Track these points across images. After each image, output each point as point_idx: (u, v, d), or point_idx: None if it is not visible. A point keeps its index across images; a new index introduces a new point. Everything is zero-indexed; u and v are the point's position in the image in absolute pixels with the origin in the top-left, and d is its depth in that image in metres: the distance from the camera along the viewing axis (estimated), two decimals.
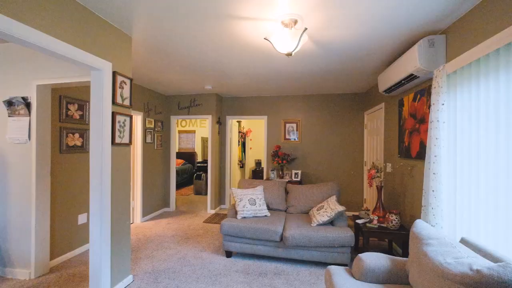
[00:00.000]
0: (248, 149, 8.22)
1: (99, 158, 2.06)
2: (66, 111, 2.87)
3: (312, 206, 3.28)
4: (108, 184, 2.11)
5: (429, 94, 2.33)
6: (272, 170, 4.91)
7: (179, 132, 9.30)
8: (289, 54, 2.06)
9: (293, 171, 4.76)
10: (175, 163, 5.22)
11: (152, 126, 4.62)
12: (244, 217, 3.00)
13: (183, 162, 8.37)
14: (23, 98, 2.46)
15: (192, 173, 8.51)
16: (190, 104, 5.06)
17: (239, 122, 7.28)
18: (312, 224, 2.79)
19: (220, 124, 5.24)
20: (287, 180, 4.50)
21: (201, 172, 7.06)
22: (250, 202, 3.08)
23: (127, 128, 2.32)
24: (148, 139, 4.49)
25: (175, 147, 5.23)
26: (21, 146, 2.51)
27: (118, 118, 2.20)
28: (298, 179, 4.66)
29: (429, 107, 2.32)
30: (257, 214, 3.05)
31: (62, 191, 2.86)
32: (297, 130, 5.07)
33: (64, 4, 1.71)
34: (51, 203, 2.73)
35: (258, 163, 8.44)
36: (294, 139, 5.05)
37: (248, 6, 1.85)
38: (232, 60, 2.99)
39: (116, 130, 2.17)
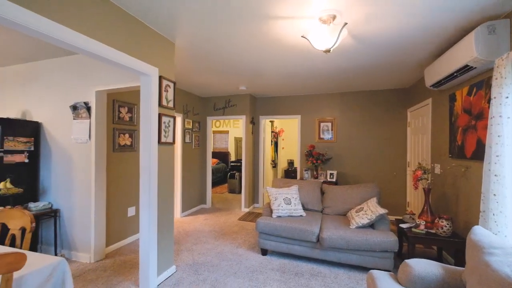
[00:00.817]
0: (280, 148, 8.20)
1: (148, 156, 2.25)
2: (118, 113, 3.19)
3: (349, 207, 3.16)
4: (155, 180, 2.29)
5: (489, 86, 2.08)
6: (306, 170, 4.83)
7: (214, 132, 9.65)
8: (328, 51, 2.01)
9: (328, 172, 4.63)
10: (211, 162, 5.44)
11: (190, 126, 4.88)
12: (279, 216, 3.00)
13: (217, 162, 8.66)
14: (85, 103, 2.79)
15: (225, 172, 8.78)
16: (225, 105, 5.23)
17: (272, 122, 7.31)
18: (350, 227, 2.69)
19: (253, 124, 5.32)
20: (322, 181, 4.38)
21: (234, 171, 7.24)
22: (285, 201, 3.08)
23: (171, 128, 2.49)
24: (187, 139, 4.76)
25: (211, 147, 5.45)
26: (83, 145, 2.85)
27: (164, 119, 2.37)
28: (334, 179, 4.52)
29: (488, 101, 2.07)
30: (292, 214, 3.03)
31: (114, 186, 3.18)
32: (332, 129, 4.91)
33: (117, 16, 1.90)
34: (106, 197, 3.06)
35: (291, 163, 8.37)
36: (329, 139, 4.91)
37: (285, 6, 1.86)
38: (267, 60, 3.02)
39: (162, 130, 2.35)
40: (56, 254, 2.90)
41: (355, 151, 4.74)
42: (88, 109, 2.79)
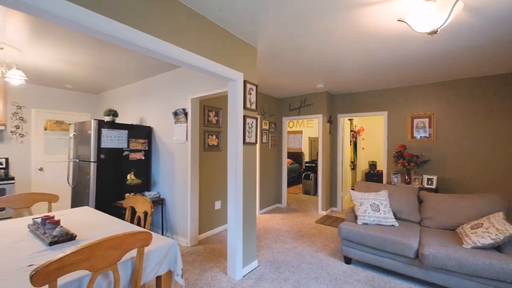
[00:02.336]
0: (359, 149, 7.50)
1: (234, 155, 2.44)
2: (207, 117, 3.59)
3: (460, 222, 2.56)
4: (241, 178, 2.46)
5: None
6: (394, 173, 4.23)
7: (287, 132, 9.70)
8: (434, 32, 1.69)
9: (425, 176, 3.91)
10: (286, 162, 5.47)
11: (267, 127, 5.04)
12: (366, 224, 2.73)
13: (291, 162, 8.66)
14: (183, 109, 3.27)
15: (299, 172, 8.67)
16: (300, 104, 5.16)
17: (350, 120, 6.77)
18: (464, 246, 2.17)
19: (331, 123, 5.05)
20: (418, 187, 3.74)
21: (309, 172, 7.07)
22: (372, 207, 2.77)
23: (253, 129, 2.62)
24: (264, 139, 4.94)
25: (286, 147, 5.49)
26: (182, 146, 3.34)
27: (248, 120, 2.52)
28: (433, 186, 3.78)
29: None
30: (381, 222, 2.70)
31: (204, 181, 3.59)
32: (429, 127, 4.13)
33: (209, 28, 2.12)
34: (198, 190, 3.49)
35: (373, 164, 7.54)
36: (426, 137, 4.15)
37: None
38: (349, 53, 2.79)
39: (246, 131, 2.50)
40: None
41: (462, 152, 3.84)
42: (186, 114, 3.25)
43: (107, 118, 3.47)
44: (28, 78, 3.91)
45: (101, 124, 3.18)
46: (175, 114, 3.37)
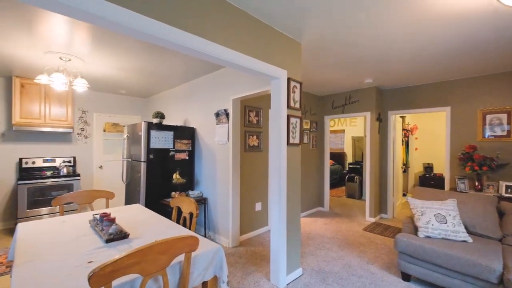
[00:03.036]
0: (412, 149, 6.75)
1: (277, 157, 2.33)
2: (248, 117, 3.55)
3: None
4: (285, 181, 2.33)
5: None
6: (460, 178, 3.65)
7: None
8: None
9: (503, 183, 3.27)
10: (328, 163, 5.17)
11: (308, 127, 4.82)
12: (429, 237, 2.36)
13: (332, 163, 8.22)
14: (224, 110, 3.28)
15: (341, 174, 8.18)
16: (345, 102, 4.81)
17: (402, 117, 6.12)
18: None
19: (380, 121, 4.60)
20: (495, 196, 3.14)
21: (353, 174, 6.59)
22: (437, 218, 2.39)
23: (297, 129, 2.48)
24: (305, 139, 4.73)
25: (328, 147, 5.18)
26: (223, 146, 3.36)
27: (292, 120, 2.38)
28: None
29: None
30: (449, 237, 2.31)
31: (245, 182, 3.56)
32: (508, 123, 3.45)
33: (252, 25, 2.04)
34: (239, 191, 3.47)
35: (428, 167, 6.72)
36: (503, 136, 3.48)
37: None
38: (404, 40, 2.45)
39: (290, 131, 2.37)
40: (205, 235, 3.58)
41: None
42: (227, 115, 3.25)
43: (155, 120, 3.68)
44: (90, 85, 4.37)
45: (150, 126, 3.37)
46: (217, 115, 3.40)
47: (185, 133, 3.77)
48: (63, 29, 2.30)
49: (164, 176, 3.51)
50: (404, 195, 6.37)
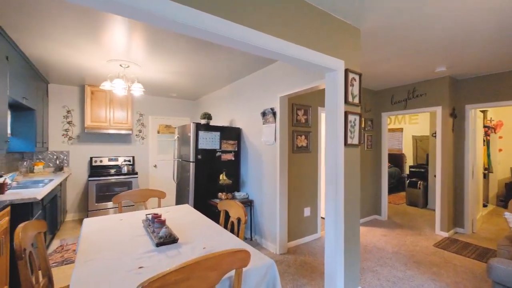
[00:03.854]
0: (494, 151, 5.58)
1: (333, 159, 2.06)
2: (296, 116, 3.32)
3: None
4: (342, 186, 2.05)
5: None
6: None
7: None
8: None
9: None
10: (386, 166, 4.58)
11: (363, 125, 4.33)
12: None
13: (388, 166, 7.37)
14: (271, 109, 3.12)
15: (399, 178, 7.27)
16: (408, 96, 4.19)
17: (484, 112, 5.09)
18: None
19: (455, 116, 3.86)
20: None
21: (415, 179, 5.76)
22: None
23: (356, 127, 2.16)
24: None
25: (386, 148, 4.59)
26: (270, 147, 3.20)
27: (350, 117, 2.08)
28: None
29: None
30: None
31: (293, 186, 3.34)
32: None
33: (302, 10, 1.82)
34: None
35: None
36: None
37: None
38: (489, 13, 1.91)
39: (348, 130, 2.07)
40: (251, 238, 3.48)
41: None
42: (274, 114, 3.08)
43: (202, 121, 3.73)
44: (145, 89, 4.70)
45: (198, 127, 3.42)
46: (263, 114, 3.26)
47: (231, 133, 3.74)
48: (122, 37, 2.44)
49: (211, 176, 3.53)
50: (484, 205, 5.29)
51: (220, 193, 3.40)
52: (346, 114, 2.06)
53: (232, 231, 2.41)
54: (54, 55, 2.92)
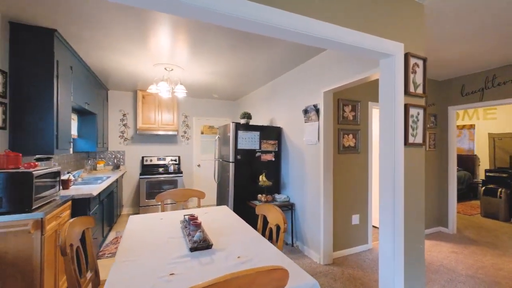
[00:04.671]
0: None
1: (390, 161, 1.74)
2: (342, 113, 3.00)
3: None
4: (401, 193, 1.72)
5: None
6: None
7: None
8: None
9: None
10: (455, 170, 3.86)
11: None
12: None
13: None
14: (314, 105, 2.87)
15: (469, 183, 6.14)
16: (484, 85, 3.44)
17: None
18: None
19: None
20: None
21: (494, 186, 4.76)
22: None
23: (420, 123, 1.79)
24: None
25: (454, 148, 3.87)
26: (312, 147, 2.95)
27: (411, 111, 1.74)
28: None
29: None
30: None
31: (339, 190, 3.02)
32: None
33: None
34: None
35: None
36: None
37: None
38: None
39: (409, 126, 1.72)
40: (292, 244, 3.27)
41: None
42: (317, 111, 2.83)
43: (242, 121, 3.67)
44: (188, 92, 4.88)
45: (237, 127, 3.36)
46: (305, 111, 3.03)
47: (271, 133, 3.59)
48: (167, 41, 2.51)
49: (250, 177, 3.44)
50: None
51: (259, 195, 3.29)
52: (406, 107, 1.72)
53: (270, 237, 2.26)
54: (110, 63, 3.20)
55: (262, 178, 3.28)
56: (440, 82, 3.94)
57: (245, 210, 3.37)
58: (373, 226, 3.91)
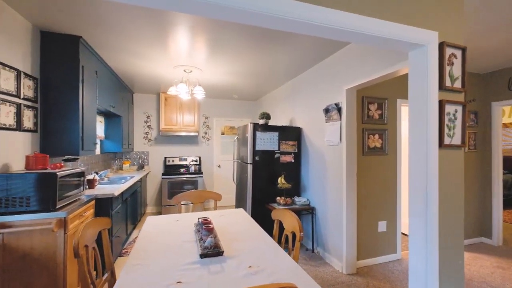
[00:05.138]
0: None
1: (421, 165, 1.55)
2: (367, 111, 2.79)
3: None
4: (435, 202, 1.52)
5: None
6: None
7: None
8: None
9: None
10: (500, 174, 3.42)
11: None
12: None
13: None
14: (335, 104, 2.70)
15: None
16: None
17: None
18: None
19: None
20: None
21: None
22: None
23: (458, 122, 1.57)
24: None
25: (500, 150, 3.43)
26: (334, 148, 2.79)
27: (447, 108, 1.53)
28: None
29: None
30: None
31: (363, 194, 2.81)
32: None
33: None
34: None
35: None
36: None
37: None
38: None
39: (445, 126, 1.52)
40: (313, 250, 3.12)
41: None
42: (339, 110, 2.66)
43: (261, 121, 3.59)
44: (208, 93, 4.92)
45: (256, 127, 3.29)
46: (326, 111, 2.87)
47: (291, 133, 3.46)
48: (185, 42, 2.52)
49: (269, 179, 3.35)
50: None
51: (278, 198, 3.18)
52: (441, 104, 1.51)
53: (287, 244, 2.15)
54: (132, 67, 3.31)
55: (281, 180, 3.17)
56: (483, 75, 3.52)
57: (263, 212, 3.28)
58: (403, 234, 3.62)
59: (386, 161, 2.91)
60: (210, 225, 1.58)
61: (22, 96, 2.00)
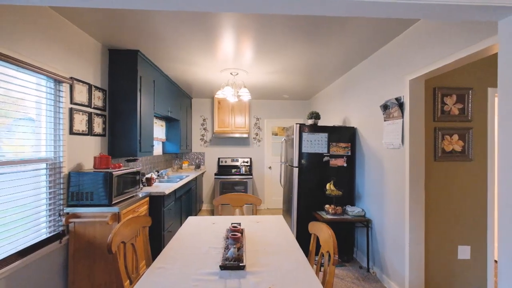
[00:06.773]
0: None
1: None
2: (441, 106, 2.24)
3: None
4: None
5: None
6: None
7: None
8: None
9: None
10: None
11: None
12: None
13: None
14: (396, 99, 2.26)
15: None
16: None
17: None
18: None
19: None
20: None
21: None
22: None
23: None
24: None
25: None
26: (395, 152, 2.33)
27: None
28: None
29: None
30: None
31: (435, 209, 2.26)
32: None
33: None
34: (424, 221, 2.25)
35: None
36: None
37: None
38: None
39: None
40: (368, 269, 2.69)
41: None
42: (400, 105, 2.21)
43: (309, 121, 3.35)
44: (256, 94, 4.90)
45: (302, 128, 3.07)
46: (385, 107, 2.43)
47: (343, 134, 3.10)
48: (231, 46, 2.55)
49: (318, 184, 3.07)
50: None
51: (327, 206, 2.88)
52: None
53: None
54: (187, 74, 3.56)
55: (329, 187, 2.87)
56: None
57: (310, 220, 3.03)
58: (496, 262, 2.77)
59: (471, 168, 2.26)
60: (237, 234, 1.49)
61: (92, 106, 2.36)
